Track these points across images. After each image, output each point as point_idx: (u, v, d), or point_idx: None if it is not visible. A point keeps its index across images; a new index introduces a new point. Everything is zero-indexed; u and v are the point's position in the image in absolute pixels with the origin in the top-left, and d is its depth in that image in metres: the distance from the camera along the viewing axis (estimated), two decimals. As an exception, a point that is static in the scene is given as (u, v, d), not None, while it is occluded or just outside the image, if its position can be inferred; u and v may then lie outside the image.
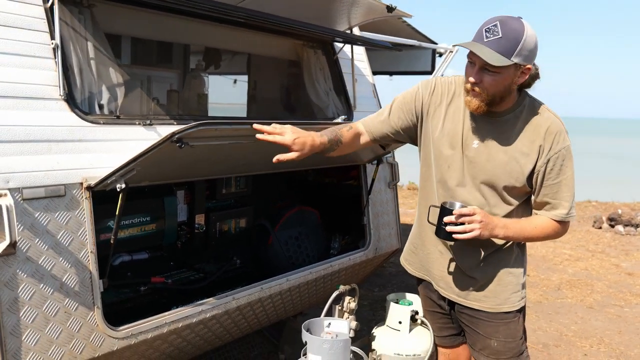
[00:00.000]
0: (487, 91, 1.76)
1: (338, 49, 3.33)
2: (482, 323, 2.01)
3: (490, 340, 2.01)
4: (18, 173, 1.73)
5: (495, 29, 1.68)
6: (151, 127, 2.17)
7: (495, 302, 1.99)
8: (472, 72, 1.76)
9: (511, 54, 1.68)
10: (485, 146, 1.87)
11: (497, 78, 1.73)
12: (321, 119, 3.23)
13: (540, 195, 1.88)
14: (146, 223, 2.54)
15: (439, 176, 1.97)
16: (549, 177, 1.84)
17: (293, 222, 3.27)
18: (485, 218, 1.81)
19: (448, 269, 2.03)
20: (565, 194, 1.86)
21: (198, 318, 2.22)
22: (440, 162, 1.95)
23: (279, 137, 1.77)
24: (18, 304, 1.70)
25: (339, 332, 2.04)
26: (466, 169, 1.91)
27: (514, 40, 1.67)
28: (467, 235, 1.80)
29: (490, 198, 1.90)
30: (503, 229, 1.85)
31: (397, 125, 2.02)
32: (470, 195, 1.91)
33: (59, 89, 1.91)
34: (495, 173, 1.86)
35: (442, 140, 1.94)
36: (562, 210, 1.88)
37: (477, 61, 1.73)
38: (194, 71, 3.71)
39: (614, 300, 5.01)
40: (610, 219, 8.10)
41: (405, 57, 5.56)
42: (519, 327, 2.03)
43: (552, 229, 1.91)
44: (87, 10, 2.13)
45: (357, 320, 2.24)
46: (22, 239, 1.71)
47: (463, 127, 1.91)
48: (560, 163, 1.83)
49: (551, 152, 1.82)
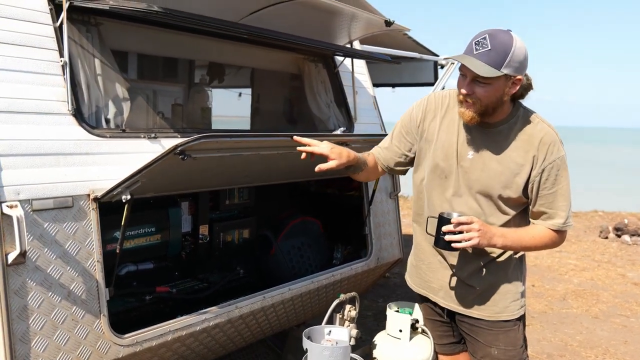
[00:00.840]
0: (480, 102, 1.80)
1: (339, 62, 3.40)
2: (482, 331, 2.04)
3: (491, 348, 2.03)
4: (28, 185, 1.80)
5: (484, 41, 1.73)
6: (156, 140, 2.24)
7: (494, 310, 2.01)
8: (463, 84, 1.81)
9: (500, 65, 1.72)
10: (480, 157, 1.91)
11: (489, 89, 1.77)
12: (322, 130, 3.29)
13: (536, 205, 1.90)
14: (151, 234, 2.60)
15: (435, 187, 2.01)
16: (544, 187, 1.87)
17: (295, 233, 3.32)
18: (483, 227, 1.83)
19: (447, 278, 2.06)
20: (561, 204, 1.88)
21: (201, 326, 2.27)
22: (437, 173, 1.99)
23: (316, 147, 1.92)
24: (27, 312, 1.76)
25: (339, 339, 2.08)
26: (462, 179, 1.94)
27: (503, 53, 1.72)
28: (466, 244, 1.82)
29: (487, 208, 1.93)
30: (501, 238, 1.87)
31: (400, 149, 2.10)
32: (466, 205, 1.94)
33: (67, 104, 1.98)
34: (490, 183, 1.89)
35: (437, 152, 1.98)
36: (559, 219, 1.90)
37: (468, 73, 1.78)
38: (198, 85, 3.79)
39: (619, 310, 4.99)
40: (617, 228, 8.07)
41: (407, 69, 5.63)
42: (519, 336, 2.04)
43: (550, 238, 1.93)
44: (95, 29, 2.22)
45: (359, 329, 2.28)
46: (32, 248, 1.78)
47: (458, 138, 1.95)
48: (555, 173, 1.86)
49: (545, 162, 1.85)
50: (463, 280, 2.03)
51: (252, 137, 1.98)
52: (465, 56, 1.76)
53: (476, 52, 1.74)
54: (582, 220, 9.41)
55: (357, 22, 2.97)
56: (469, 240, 1.81)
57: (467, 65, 1.74)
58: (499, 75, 1.74)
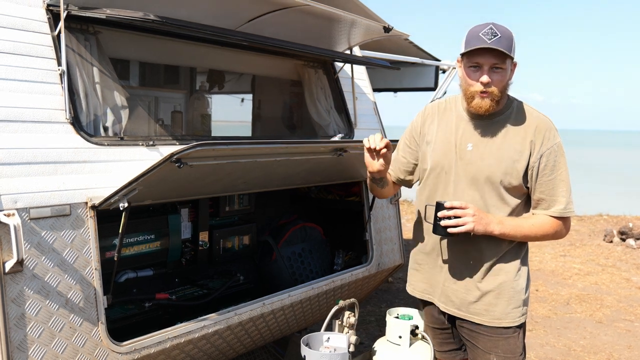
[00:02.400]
0: (498, 89, 1.88)
1: (338, 68, 3.41)
2: (482, 338, 2.03)
3: (490, 355, 2.02)
4: (25, 193, 1.81)
5: (492, 31, 1.83)
6: (154, 148, 2.25)
7: (495, 316, 2.00)
8: (479, 75, 1.87)
9: (510, 50, 1.85)
10: (479, 147, 1.96)
11: (504, 74, 1.88)
12: (322, 136, 3.29)
13: (537, 193, 1.94)
14: (151, 241, 2.60)
15: (438, 184, 2.05)
16: (544, 173, 1.91)
17: (296, 239, 3.32)
18: (478, 212, 1.88)
19: (449, 282, 2.06)
20: (561, 190, 1.92)
21: (200, 333, 2.26)
22: (437, 171, 2.04)
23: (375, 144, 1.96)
24: (25, 320, 1.76)
25: (338, 346, 2.07)
26: (462, 173, 1.98)
27: (510, 39, 1.85)
28: (461, 229, 1.86)
29: (489, 198, 1.96)
30: (499, 225, 1.90)
31: (406, 158, 2.18)
32: (468, 198, 1.97)
33: (65, 112, 1.99)
34: (491, 170, 1.93)
35: (437, 150, 2.04)
36: (559, 205, 1.92)
37: (485, 63, 1.85)
38: (197, 92, 3.81)
39: (624, 314, 4.95)
40: (621, 232, 8.02)
41: (409, 74, 5.64)
42: (518, 344, 2.03)
43: (551, 226, 1.95)
44: (93, 37, 2.23)
45: (361, 334, 2.27)
46: (29, 256, 1.78)
47: (455, 134, 2.01)
48: (554, 159, 1.91)
49: (543, 147, 1.90)
50: (465, 285, 2.02)
51: (249, 144, 1.98)
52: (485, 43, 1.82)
53: (490, 41, 1.82)
54: (586, 224, 9.37)
55: (357, 29, 2.97)
56: (464, 225, 1.86)
57: (497, 47, 1.81)
58: (511, 58, 1.87)
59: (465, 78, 1.92)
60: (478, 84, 1.87)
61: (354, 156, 2.49)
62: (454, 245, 2.02)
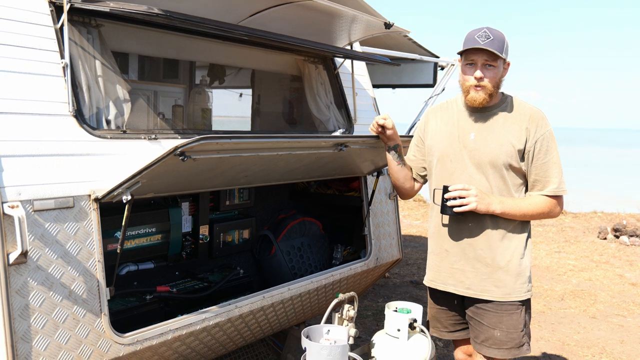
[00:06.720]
0: (490, 83, 2.12)
1: (338, 63, 3.42)
2: (488, 314, 2.19)
3: (494, 330, 2.18)
4: (29, 186, 1.82)
5: (485, 34, 2.10)
6: (156, 141, 2.26)
7: (505, 291, 2.17)
8: (473, 70, 2.13)
9: (501, 51, 2.11)
10: (482, 135, 2.19)
11: (495, 72, 2.13)
12: (322, 131, 3.31)
13: (532, 175, 2.17)
14: (152, 234, 2.62)
15: (445, 173, 2.24)
16: (538, 157, 2.14)
17: (295, 233, 3.34)
18: (480, 193, 2.11)
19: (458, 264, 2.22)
20: (553, 171, 2.15)
21: (201, 325, 2.28)
22: (444, 160, 2.24)
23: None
24: (29, 311, 1.78)
25: (338, 338, 2.10)
26: (468, 159, 2.19)
27: (502, 41, 2.11)
28: (465, 208, 2.10)
29: (493, 180, 2.16)
30: (500, 205, 2.12)
31: (417, 157, 2.43)
32: (475, 182, 2.17)
33: (69, 105, 2.00)
34: (496, 153, 2.15)
35: (443, 142, 2.26)
36: (552, 185, 2.15)
37: (478, 60, 2.10)
38: (198, 86, 3.81)
39: (617, 310, 5.01)
40: (615, 229, 8.09)
41: (408, 70, 5.66)
42: (520, 319, 2.20)
43: (546, 204, 2.17)
44: (95, 30, 2.23)
45: (358, 328, 2.30)
46: (33, 248, 1.80)
47: (457, 126, 2.24)
48: (547, 145, 2.15)
49: (537, 133, 2.14)
50: (471, 264, 2.19)
51: (252, 138, 1.99)
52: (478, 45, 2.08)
53: (483, 42, 2.08)
54: (581, 221, 9.43)
55: (357, 24, 2.99)
56: (468, 204, 2.09)
57: (486, 47, 2.06)
58: (502, 58, 2.11)
59: (462, 74, 2.19)
60: (472, 79, 2.13)
61: (354, 151, 2.52)
62: (459, 227, 2.20)
